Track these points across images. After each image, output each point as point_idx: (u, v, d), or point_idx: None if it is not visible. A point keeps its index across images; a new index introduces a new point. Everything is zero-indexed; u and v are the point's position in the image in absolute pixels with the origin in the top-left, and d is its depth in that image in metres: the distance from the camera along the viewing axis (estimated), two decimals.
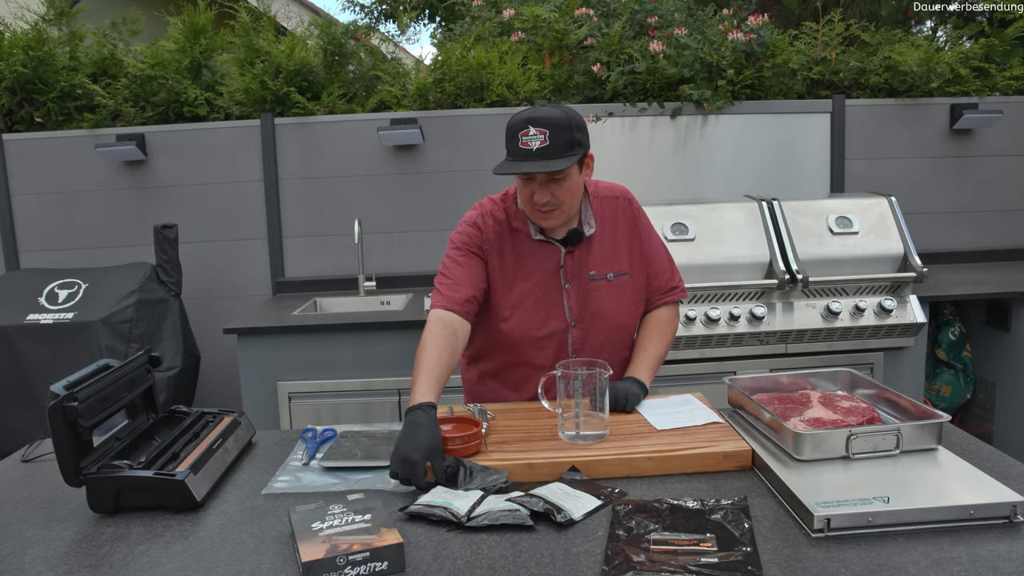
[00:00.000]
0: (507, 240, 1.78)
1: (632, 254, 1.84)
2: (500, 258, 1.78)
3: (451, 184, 3.67)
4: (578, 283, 1.79)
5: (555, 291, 1.78)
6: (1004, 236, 3.87)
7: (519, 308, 1.77)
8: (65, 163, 3.64)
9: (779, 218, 3.09)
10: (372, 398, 3.01)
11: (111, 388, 1.49)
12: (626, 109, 3.61)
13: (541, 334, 1.79)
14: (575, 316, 1.80)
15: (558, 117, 1.62)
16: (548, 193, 1.65)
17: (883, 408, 1.61)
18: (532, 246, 1.78)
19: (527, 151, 1.61)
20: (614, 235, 1.83)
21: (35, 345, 3.08)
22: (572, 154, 1.62)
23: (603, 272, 1.80)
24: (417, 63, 4.06)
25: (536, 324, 1.78)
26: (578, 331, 1.81)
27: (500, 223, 1.79)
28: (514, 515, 1.25)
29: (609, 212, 1.83)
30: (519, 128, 1.62)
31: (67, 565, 1.21)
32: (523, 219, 1.78)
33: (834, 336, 3.01)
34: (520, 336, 1.79)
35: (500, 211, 1.80)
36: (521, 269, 1.78)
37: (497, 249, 1.78)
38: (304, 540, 1.16)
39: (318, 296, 3.56)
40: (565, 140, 1.61)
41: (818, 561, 1.12)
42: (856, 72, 3.73)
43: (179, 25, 3.69)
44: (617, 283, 1.82)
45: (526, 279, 1.78)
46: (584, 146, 1.67)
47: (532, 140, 1.60)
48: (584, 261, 1.79)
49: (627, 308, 1.84)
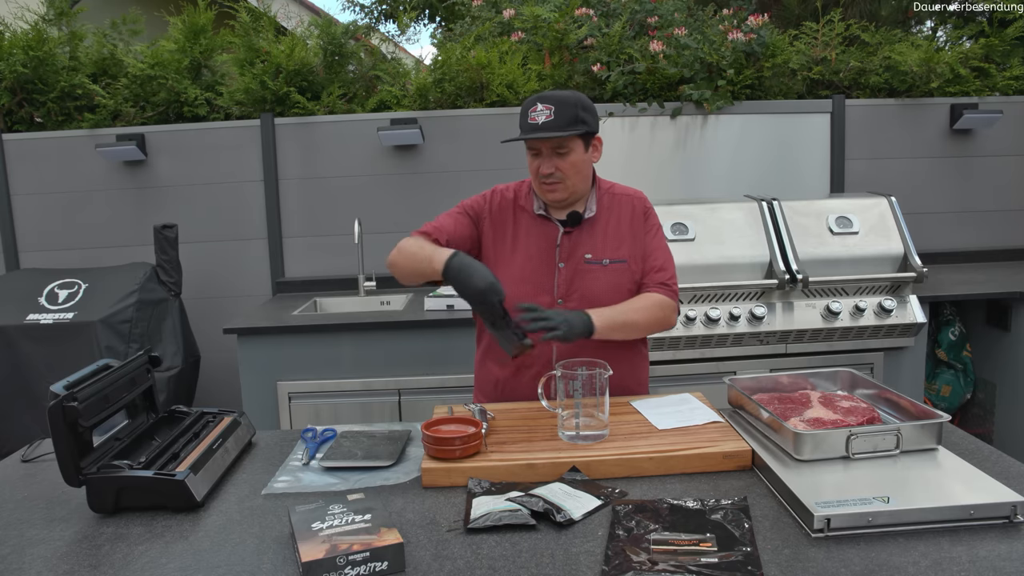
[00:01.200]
0: (509, 214, 1.91)
1: (634, 246, 1.89)
2: (498, 229, 1.90)
3: (451, 184, 3.67)
4: (572, 263, 1.85)
5: (548, 267, 1.86)
6: (1004, 236, 3.87)
7: (509, 278, 1.82)
8: (65, 163, 3.64)
9: (779, 218, 3.09)
10: (372, 398, 3.01)
11: (111, 388, 1.49)
12: (626, 109, 3.61)
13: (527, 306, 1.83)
14: (562, 294, 1.85)
15: (566, 96, 1.75)
16: (552, 165, 1.77)
17: (883, 408, 1.61)
18: (532, 222, 1.88)
19: (534, 124, 1.74)
20: (618, 225, 1.89)
21: (35, 345, 3.08)
22: (574, 128, 1.74)
23: (599, 257, 1.86)
24: (417, 63, 4.06)
25: (523, 294, 1.82)
26: (563, 308, 1.83)
27: (507, 200, 1.92)
28: (515, 515, 1.26)
29: (618, 206, 1.91)
30: (529, 105, 1.76)
31: (67, 565, 1.21)
32: (530, 199, 1.90)
33: (834, 336, 3.01)
34: (508, 305, 1.82)
35: (510, 191, 1.94)
36: (518, 242, 1.88)
37: (498, 220, 1.90)
38: (304, 540, 1.16)
39: (318, 296, 3.55)
40: (569, 116, 1.73)
41: (818, 561, 1.12)
42: (856, 72, 3.73)
43: (179, 25, 3.69)
44: (612, 269, 1.86)
45: (522, 251, 1.87)
46: (589, 125, 1.77)
47: (539, 115, 1.74)
48: (581, 244, 1.86)
49: (616, 295, 1.86)
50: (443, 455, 1.47)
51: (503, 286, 1.70)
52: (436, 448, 1.48)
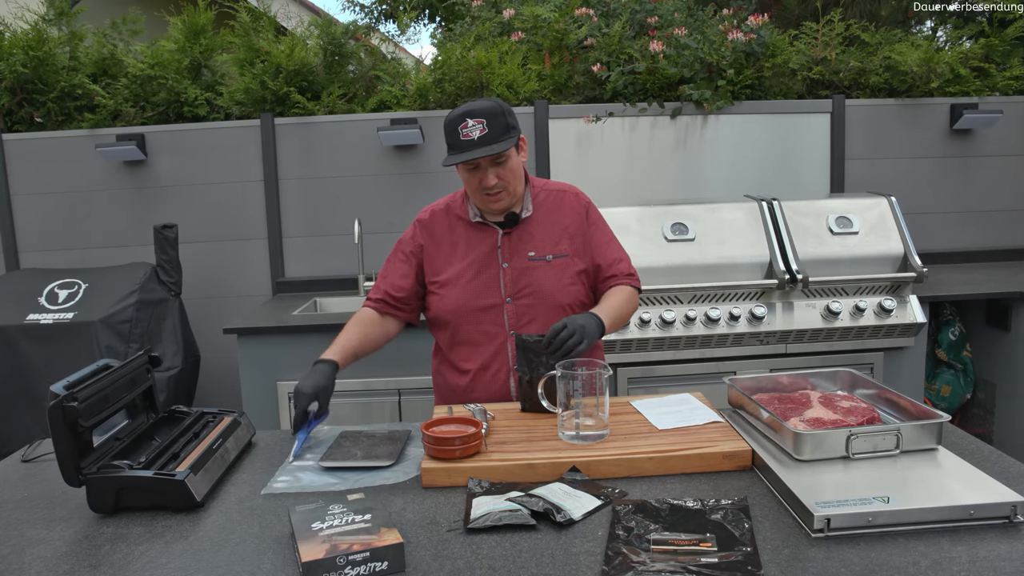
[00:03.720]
0: (446, 228, 1.96)
1: (575, 239, 1.94)
2: (438, 245, 1.96)
3: (451, 184, 3.62)
4: (515, 262, 1.91)
5: (492, 269, 1.91)
6: (1004, 236, 3.87)
7: (455, 285, 1.91)
8: (65, 163, 3.64)
9: (779, 218, 3.09)
10: (372, 398, 3.01)
11: (111, 388, 1.49)
12: (626, 109, 3.61)
13: (476, 306, 1.90)
14: (509, 292, 1.90)
15: (491, 107, 1.79)
16: (494, 176, 1.81)
17: (883, 408, 1.61)
18: (470, 229, 1.94)
19: (469, 141, 1.77)
20: (559, 221, 1.95)
21: (35, 345, 3.08)
22: (510, 136, 1.80)
23: (542, 253, 1.92)
24: (417, 63, 4.06)
25: (470, 297, 1.90)
26: (512, 307, 1.90)
27: (439, 215, 1.99)
28: (515, 515, 1.26)
29: (553, 201, 1.97)
30: (458, 122, 1.78)
31: (67, 565, 1.21)
32: (465, 207, 1.96)
33: (834, 336, 3.01)
34: (455, 309, 1.91)
35: (442, 205, 2.01)
36: (458, 249, 1.94)
37: (435, 238, 1.97)
38: (304, 540, 1.16)
39: (318, 296, 3.56)
40: (501, 125, 1.78)
41: (818, 561, 1.12)
42: (856, 72, 3.73)
43: (179, 25, 3.69)
44: (556, 264, 1.92)
45: (463, 258, 1.93)
46: (518, 129, 1.84)
47: (472, 130, 1.76)
48: (523, 242, 1.92)
49: (564, 288, 1.91)
50: (443, 455, 1.48)
51: (450, 292, 1.89)
52: (436, 448, 1.48)
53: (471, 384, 1.93)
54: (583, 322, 1.71)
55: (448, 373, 1.99)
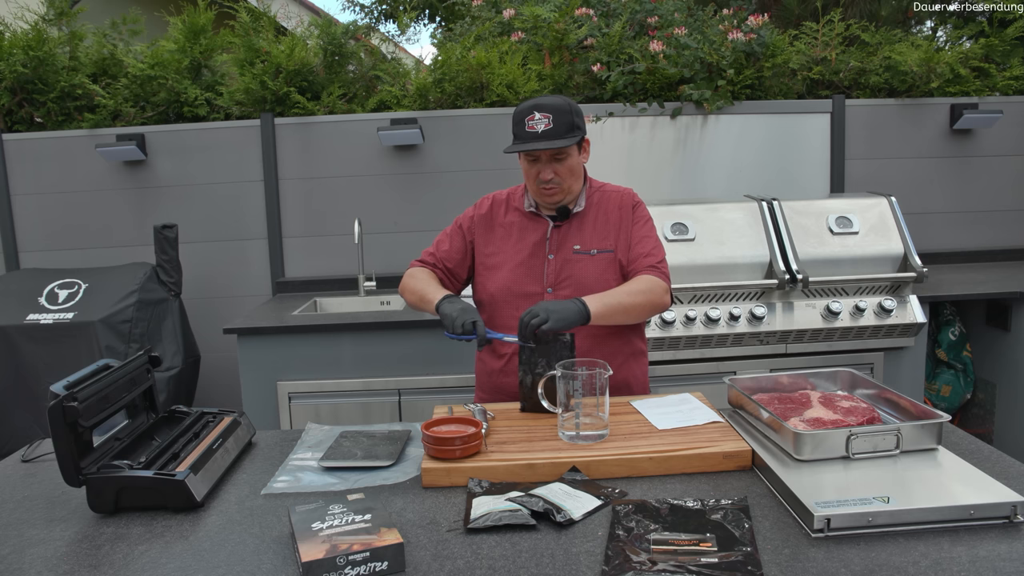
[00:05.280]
0: (502, 214, 2.02)
1: (620, 235, 1.95)
2: (490, 229, 2.01)
3: (451, 184, 3.67)
4: (561, 254, 1.94)
5: (538, 258, 1.94)
6: (1004, 236, 3.87)
7: (503, 268, 1.96)
8: (65, 163, 3.64)
9: (779, 218, 3.09)
10: (372, 398, 3.01)
11: (111, 388, 1.49)
12: (626, 109, 3.61)
13: (518, 292, 1.93)
14: (551, 282, 1.93)
15: (560, 104, 1.84)
16: (551, 171, 1.85)
17: (883, 408, 1.61)
18: (524, 218, 1.99)
19: (533, 133, 1.82)
20: (606, 218, 1.97)
21: (35, 345, 3.08)
22: (573, 135, 1.83)
23: (587, 248, 1.94)
24: (417, 63, 4.06)
25: (513, 282, 1.93)
26: (552, 297, 1.92)
27: (500, 201, 2.04)
28: (515, 515, 1.26)
29: (606, 201, 1.99)
30: (525, 114, 1.83)
31: (67, 565, 1.21)
32: (522, 198, 2.01)
33: (834, 336, 3.01)
34: (496, 293, 1.95)
35: (504, 194, 2.06)
36: (510, 236, 1.99)
37: (489, 222, 2.02)
38: (304, 540, 1.16)
39: (318, 296, 3.55)
40: (567, 123, 1.82)
41: (818, 561, 1.12)
42: (856, 72, 3.73)
43: (179, 25, 3.69)
44: (600, 258, 1.94)
45: (514, 245, 1.98)
46: (583, 130, 1.87)
47: (538, 124, 1.81)
48: (570, 236, 1.95)
49: (603, 282, 1.91)
50: (443, 455, 1.48)
51: (496, 275, 1.93)
52: (436, 448, 1.48)
53: (505, 367, 1.96)
54: (556, 307, 1.72)
55: (486, 357, 2.02)
